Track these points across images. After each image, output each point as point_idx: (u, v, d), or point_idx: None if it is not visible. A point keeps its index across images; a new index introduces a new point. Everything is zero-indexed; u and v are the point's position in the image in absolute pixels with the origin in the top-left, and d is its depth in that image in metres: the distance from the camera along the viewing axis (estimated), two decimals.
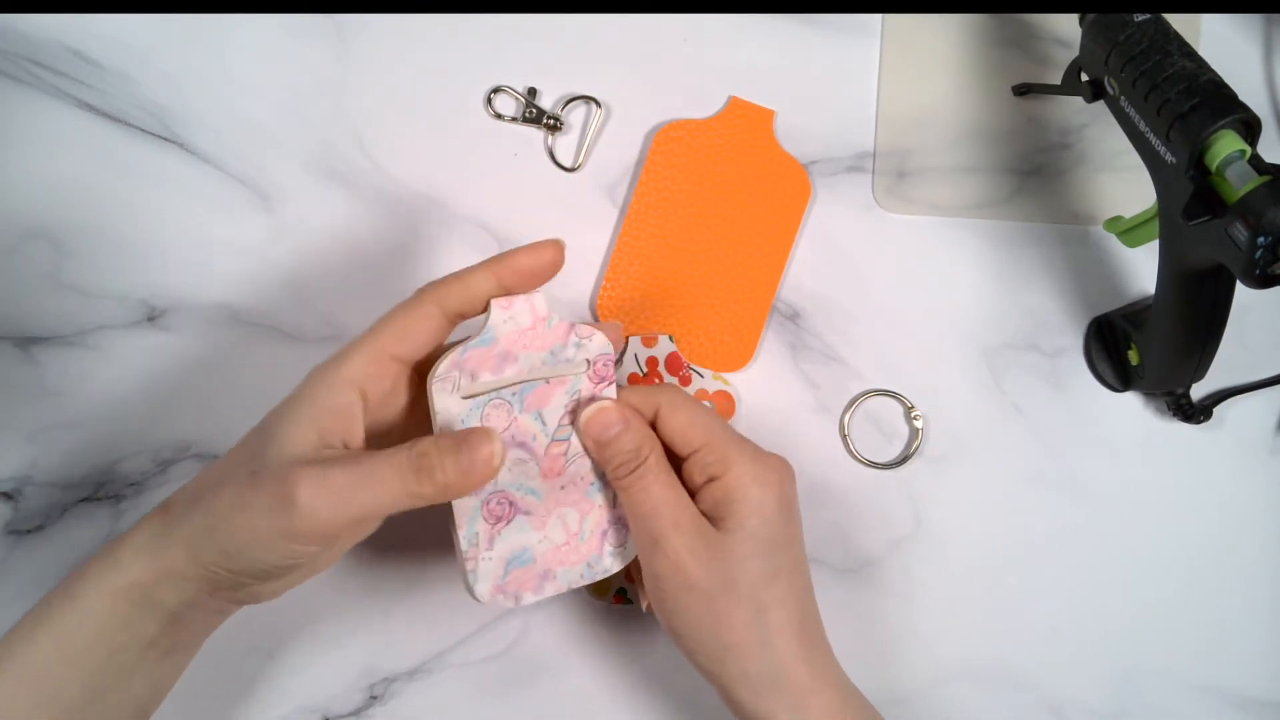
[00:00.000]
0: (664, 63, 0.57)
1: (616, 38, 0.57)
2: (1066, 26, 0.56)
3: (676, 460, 0.45)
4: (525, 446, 0.43)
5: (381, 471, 0.38)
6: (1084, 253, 0.57)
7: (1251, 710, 0.54)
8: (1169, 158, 0.44)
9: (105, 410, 0.53)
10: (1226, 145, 0.42)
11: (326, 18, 0.56)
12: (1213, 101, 0.42)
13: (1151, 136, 0.45)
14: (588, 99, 0.56)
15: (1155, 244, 0.48)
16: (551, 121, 0.55)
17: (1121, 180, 0.57)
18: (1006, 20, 0.57)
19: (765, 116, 0.56)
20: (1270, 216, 0.39)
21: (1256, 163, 0.41)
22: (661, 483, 0.43)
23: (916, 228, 0.57)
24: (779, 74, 0.57)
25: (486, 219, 0.55)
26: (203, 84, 0.55)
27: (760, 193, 0.55)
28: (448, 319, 0.42)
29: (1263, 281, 0.41)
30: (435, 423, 0.41)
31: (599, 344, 0.44)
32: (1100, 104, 0.49)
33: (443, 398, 0.41)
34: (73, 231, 0.54)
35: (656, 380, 0.54)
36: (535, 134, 0.56)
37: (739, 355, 0.55)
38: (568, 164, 0.56)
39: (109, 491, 0.53)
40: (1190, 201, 0.43)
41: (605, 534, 0.45)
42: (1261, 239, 0.40)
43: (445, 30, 0.56)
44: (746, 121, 0.56)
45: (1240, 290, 0.45)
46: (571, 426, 0.44)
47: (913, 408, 0.55)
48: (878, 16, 0.57)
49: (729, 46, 0.57)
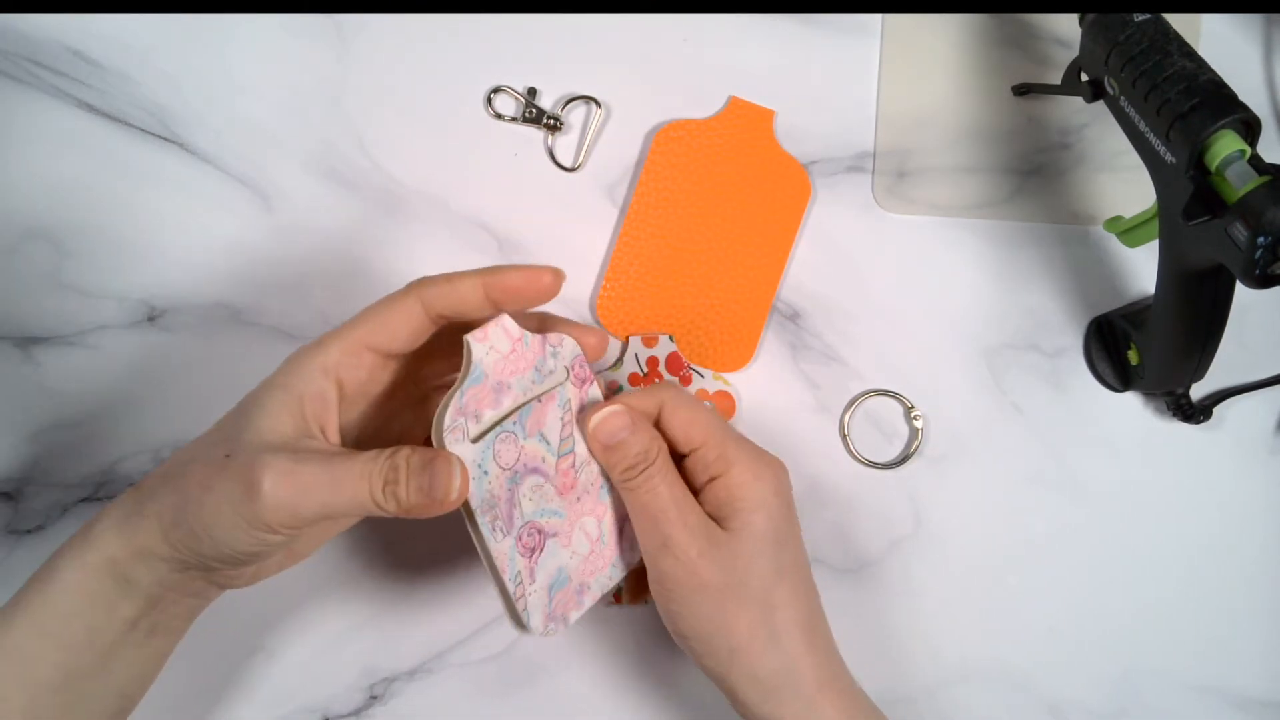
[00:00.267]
0: (664, 63, 0.57)
1: (616, 38, 0.57)
2: (1066, 26, 0.56)
3: (677, 458, 0.45)
4: (538, 471, 0.43)
5: (350, 476, 0.38)
6: (1084, 253, 0.57)
7: (1251, 710, 0.54)
8: (1169, 158, 0.44)
9: (105, 410, 0.53)
10: (1226, 145, 0.42)
11: (326, 18, 0.56)
12: (1213, 101, 0.42)
13: (1151, 136, 0.45)
14: (588, 99, 0.56)
15: (1155, 244, 0.48)
16: (551, 121, 0.55)
17: (1121, 180, 0.57)
18: (1006, 20, 0.57)
19: (765, 116, 0.56)
20: (1270, 216, 0.39)
21: (1256, 163, 0.41)
22: (669, 483, 0.43)
23: (916, 228, 0.57)
24: (779, 74, 0.57)
25: (486, 219, 0.55)
26: (203, 84, 0.55)
27: (760, 193, 0.55)
28: (430, 318, 0.42)
29: (1263, 281, 0.41)
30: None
31: (570, 348, 0.44)
32: (1100, 104, 0.49)
33: (456, 449, 0.40)
34: (73, 231, 0.54)
35: (657, 380, 0.54)
36: (535, 134, 0.56)
37: (739, 355, 0.55)
38: (568, 164, 0.56)
39: (109, 491, 0.53)
40: (1190, 201, 0.43)
41: (623, 531, 0.46)
42: (1261, 239, 0.40)
43: (445, 30, 0.56)
44: (746, 121, 0.56)
45: (1240, 290, 0.45)
46: (573, 437, 0.44)
47: (913, 408, 0.55)
48: (878, 16, 0.57)
49: (729, 46, 0.57)
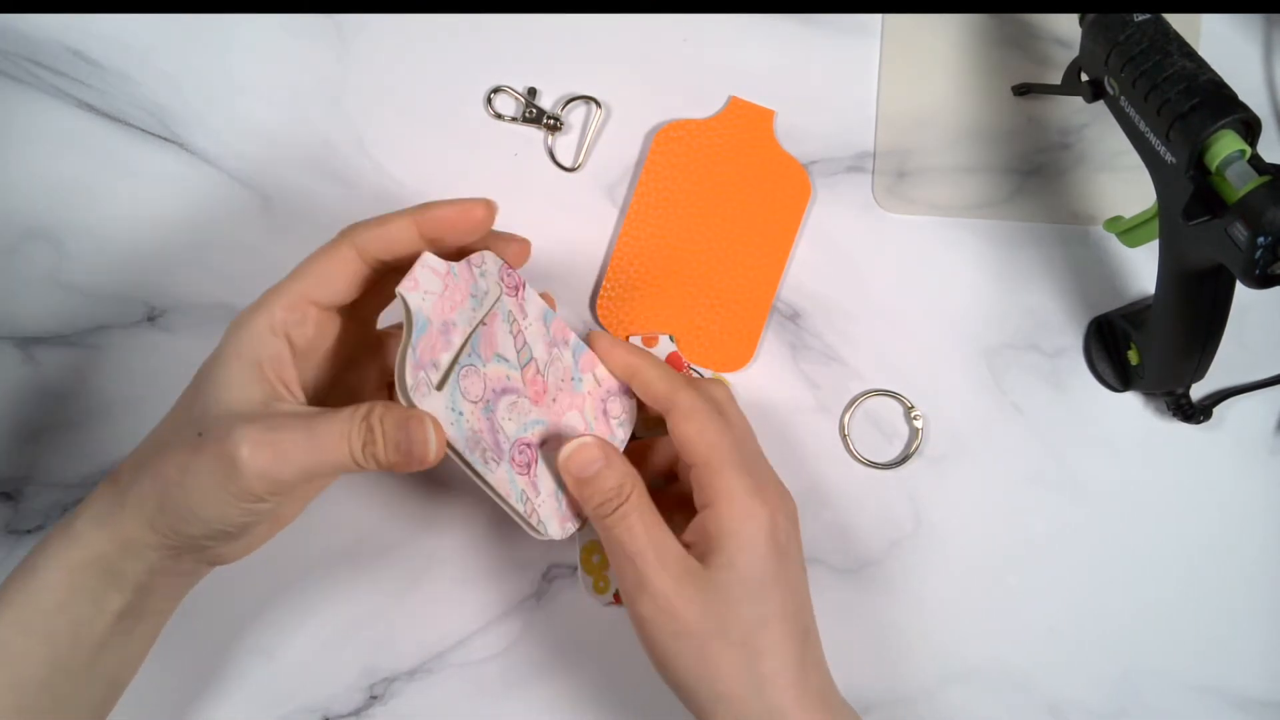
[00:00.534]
0: (664, 63, 0.57)
1: (616, 38, 0.57)
2: (1066, 26, 0.56)
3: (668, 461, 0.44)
4: (508, 390, 0.43)
5: (330, 436, 0.38)
6: (1084, 253, 0.57)
7: (1251, 710, 0.54)
8: (1169, 158, 0.44)
9: (105, 410, 0.53)
10: (1226, 145, 0.42)
11: (326, 18, 0.56)
12: (1213, 101, 0.42)
13: (1151, 136, 0.45)
14: (588, 99, 0.56)
15: (1155, 244, 0.48)
16: (551, 121, 0.55)
17: (1121, 180, 0.57)
18: (1006, 20, 0.57)
19: (765, 116, 0.56)
20: (1270, 216, 0.39)
21: (1256, 163, 0.41)
22: (645, 521, 0.41)
23: (916, 228, 0.57)
24: (779, 74, 0.57)
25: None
26: (203, 84, 0.55)
27: (760, 193, 0.55)
28: (366, 263, 0.41)
29: (1263, 281, 0.41)
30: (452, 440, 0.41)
31: (492, 261, 0.44)
32: (1100, 104, 0.49)
33: (426, 403, 0.40)
34: (73, 231, 0.54)
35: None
36: (535, 134, 0.56)
37: (739, 355, 0.55)
38: (568, 164, 0.56)
39: None
40: (1190, 201, 0.43)
41: (606, 413, 0.46)
42: (1261, 239, 0.40)
43: (445, 30, 0.56)
44: (746, 121, 0.56)
45: (1240, 290, 0.45)
46: (527, 345, 0.44)
47: (913, 408, 0.55)
48: (878, 16, 0.57)
49: (729, 46, 0.57)
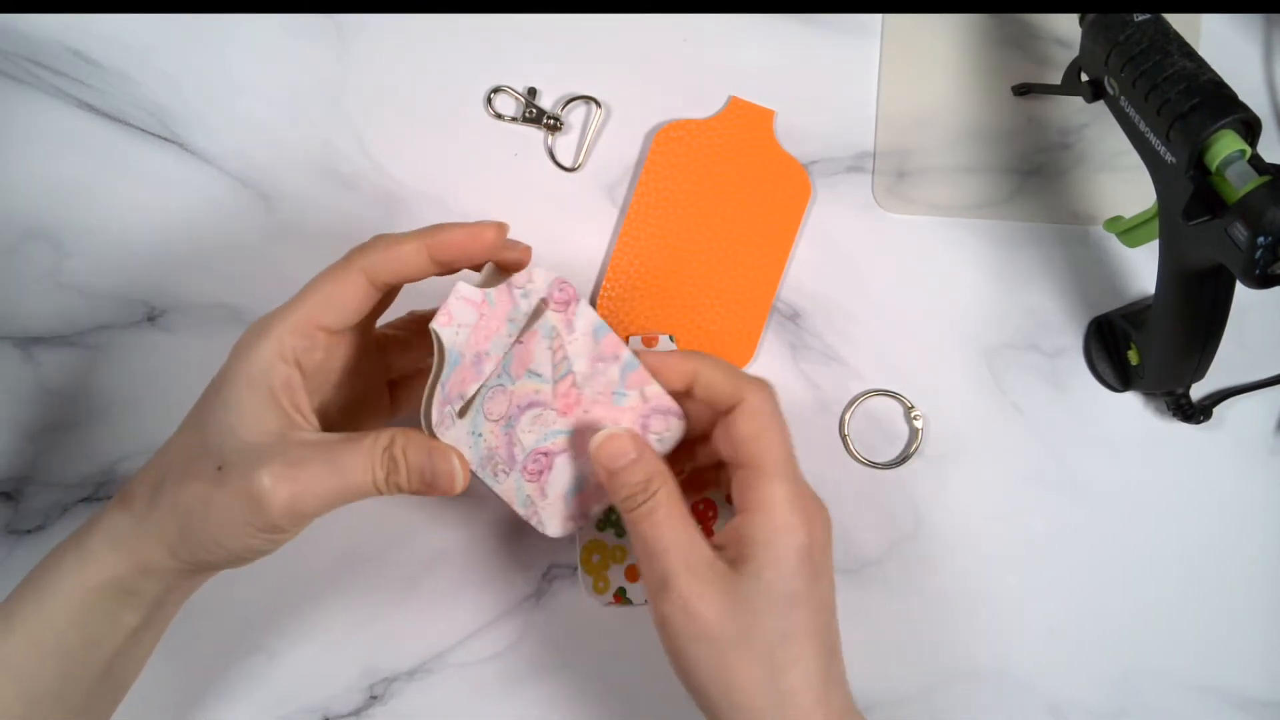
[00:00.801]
0: (664, 63, 0.57)
1: (616, 38, 0.57)
2: (1066, 26, 0.56)
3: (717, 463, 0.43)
4: (534, 404, 0.43)
5: (351, 467, 0.38)
6: (1084, 253, 0.57)
7: (1251, 710, 0.54)
8: (1169, 158, 0.44)
9: (105, 410, 0.53)
10: (1226, 145, 0.42)
11: (326, 18, 0.56)
12: (1213, 101, 0.42)
13: (1151, 136, 0.45)
14: (588, 99, 0.56)
15: (1155, 244, 0.48)
16: (551, 121, 0.55)
17: (1121, 180, 0.57)
18: (1006, 20, 0.57)
19: (765, 116, 0.56)
20: (1270, 216, 0.39)
21: (1256, 163, 0.41)
22: (673, 519, 0.40)
23: (916, 228, 0.57)
24: (779, 74, 0.57)
25: (487, 219, 0.55)
26: (203, 84, 0.55)
27: (760, 193, 0.55)
28: (375, 287, 0.41)
29: (1263, 281, 0.41)
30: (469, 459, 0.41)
31: (541, 279, 0.42)
32: (1100, 104, 0.49)
33: (448, 436, 0.40)
34: (73, 231, 0.54)
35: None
36: (535, 134, 0.56)
37: (739, 355, 0.55)
38: (568, 164, 0.56)
39: (109, 491, 0.53)
40: (1190, 201, 0.43)
41: (645, 428, 0.44)
42: (1261, 239, 0.40)
43: (445, 30, 0.56)
44: (746, 121, 0.56)
45: (1240, 290, 0.45)
46: (567, 359, 0.43)
47: (913, 408, 0.55)
48: (878, 16, 0.57)
49: (729, 46, 0.57)
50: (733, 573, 0.39)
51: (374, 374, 0.47)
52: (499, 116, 0.56)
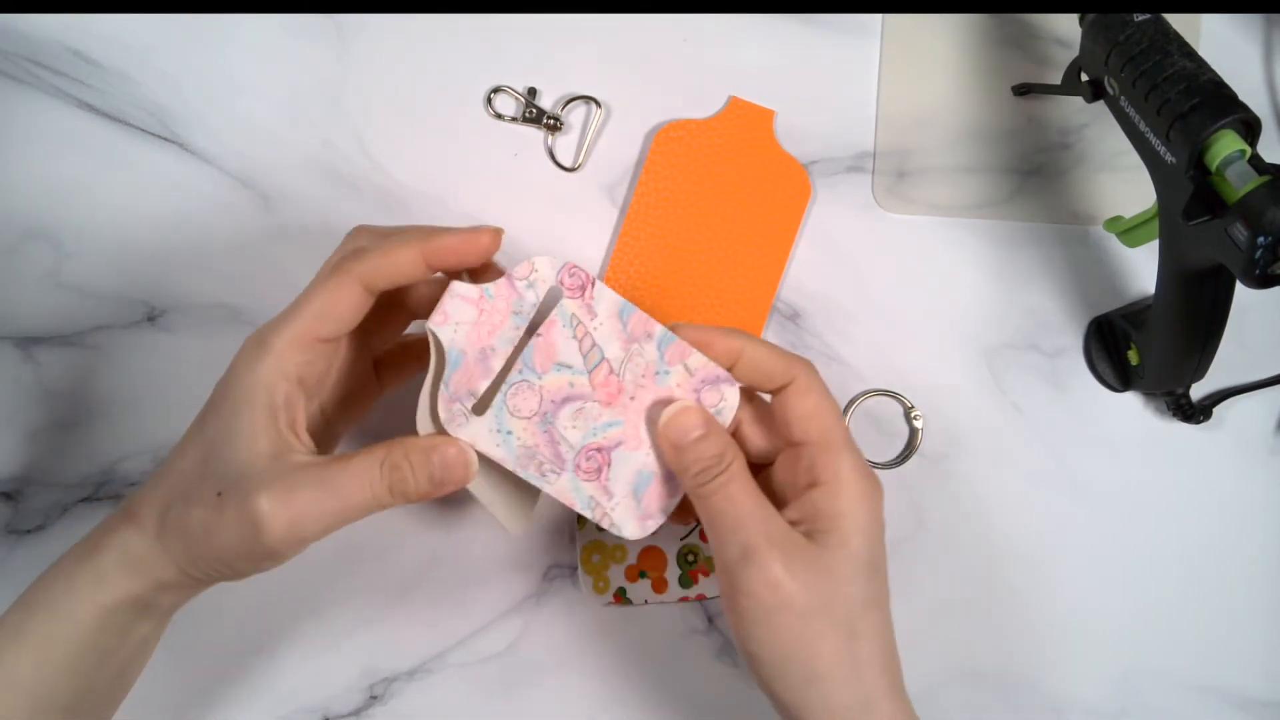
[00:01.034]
0: (664, 63, 0.57)
1: (616, 38, 0.57)
2: (1066, 26, 0.56)
3: (768, 442, 0.42)
4: (570, 398, 0.41)
5: (349, 487, 0.38)
6: (1084, 253, 0.57)
7: (1251, 710, 0.54)
8: (1169, 158, 0.44)
9: (105, 410, 0.53)
10: (1226, 145, 0.42)
11: (326, 18, 0.56)
12: (1213, 101, 0.42)
13: (1151, 136, 0.45)
14: (588, 99, 0.56)
15: (1155, 244, 0.48)
16: (551, 121, 0.55)
17: (1121, 180, 0.57)
18: (1006, 20, 0.57)
19: (765, 116, 0.56)
20: (1270, 216, 0.39)
21: (1256, 163, 0.41)
22: (747, 491, 0.40)
23: (916, 228, 0.57)
24: (779, 74, 0.57)
25: (487, 219, 0.55)
26: (203, 84, 0.55)
27: (760, 193, 0.55)
28: (371, 294, 0.41)
29: (1263, 281, 0.41)
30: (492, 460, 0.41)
31: (547, 267, 0.41)
32: (1100, 104, 0.49)
33: (464, 432, 0.40)
34: (73, 231, 0.54)
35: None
36: (535, 134, 0.56)
37: None
38: (568, 164, 0.56)
39: (109, 491, 0.53)
40: (1190, 201, 0.43)
41: (701, 403, 0.42)
42: (1261, 239, 0.40)
43: (445, 30, 0.56)
44: (746, 121, 0.56)
45: (1240, 290, 0.45)
46: (596, 346, 0.42)
47: (913, 408, 0.55)
48: (878, 16, 0.57)
49: (729, 46, 0.57)
50: (812, 544, 0.39)
51: (361, 360, 0.46)
52: (499, 116, 0.56)
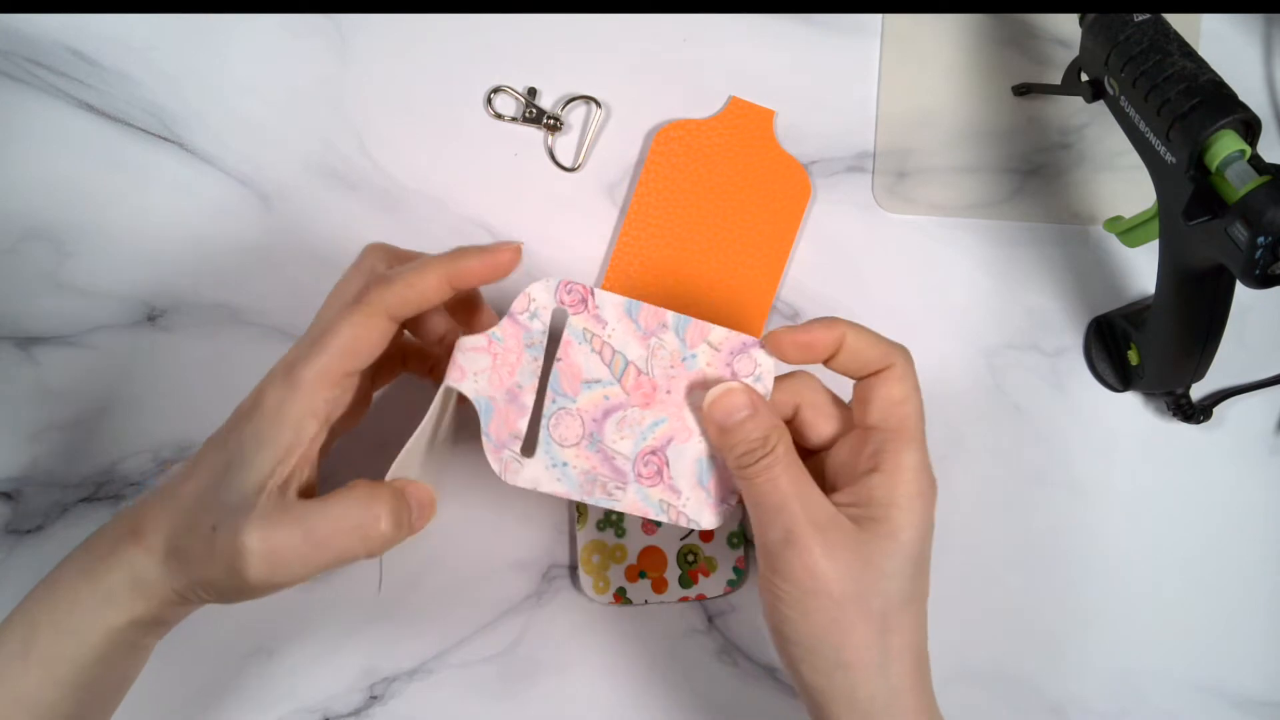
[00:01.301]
0: (664, 63, 0.57)
1: (616, 38, 0.57)
2: (1066, 26, 0.56)
3: (833, 424, 0.42)
4: (610, 411, 0.42)
5: (332, 538, 0.39)
6: (1084, 253, 0.57)
7: (1251, 710, 0.54)
8: (1169, 158, 0.44)
9: (105, 410, 0.53)
10: (1226, 145, 0.42)
11: (326, 18, 0.56)
12: (1213, 101, 0.42)
13: (1151, 136, 0.45)
14: (588, 99, 0.56)
15: (1155, 244, 0.48)
16: (551, 121, 0.55)
17: (1121, 180, 0.57)
18: (1006, 20, 0.57)
19: (765, 116, 0.56)
20: (1270, 216, 0.39)
21: (1256, 163, 0.41)
22: (793, 473, 0.39)
23: (916, 228, 0.57)
24: (779, 74, 0.57)
25: (487, 219, 0.55)
26: (203, 84, 0.55)
27: (760, 193, 0.55)
28: (395, 324, 0.41)
29: (1263, 281, 0.41)
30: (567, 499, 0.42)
31: (542, 293, 0.41)
32: (1100, 104, 0.49)
33: (522, 479, 0.41)
34: (73, 231, 0.54)
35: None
36: (535, 134, 0.56)
37: None
38: (568, 164, 0.56)
39: (109, 491, 0.53)
40: (1190, 201, 0.43)
41: (735, 375, 0.42)
42: (1261, 239, 0.40)
43: (445, 30, 0.56)
44: (746, 121, 0.56)
45: (1240, 290, 0.45)
46: (617, 352, 0.42)
47: None
48: (878, 16, 0.57)
49: (729, 46, 0.57)
50: (859, 530, 0.39)
51: (365, 372, 0.46)
52: (499, 116, 0.56)
